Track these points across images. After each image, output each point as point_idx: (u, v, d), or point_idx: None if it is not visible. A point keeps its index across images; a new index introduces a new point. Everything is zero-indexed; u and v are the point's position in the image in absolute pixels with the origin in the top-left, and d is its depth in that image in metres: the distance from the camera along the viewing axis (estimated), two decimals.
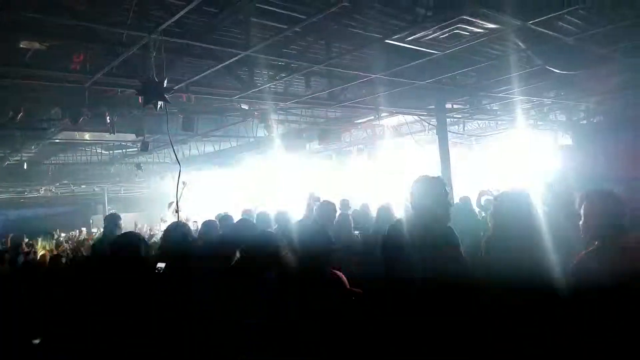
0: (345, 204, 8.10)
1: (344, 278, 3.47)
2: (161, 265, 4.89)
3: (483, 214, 7.47)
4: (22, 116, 7.67)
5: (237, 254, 3.91)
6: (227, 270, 3.83)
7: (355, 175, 16.69)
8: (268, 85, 7.44)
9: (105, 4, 4.97)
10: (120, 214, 6.98)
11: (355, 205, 8.46)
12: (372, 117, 11.44)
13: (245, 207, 8.19)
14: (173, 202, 6.92)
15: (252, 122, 10.79)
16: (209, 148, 15.12)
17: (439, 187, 3.33)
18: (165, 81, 4.86)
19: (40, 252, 12.78)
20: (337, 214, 6.09)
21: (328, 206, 5.98)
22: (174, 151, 5.14)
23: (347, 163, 16.37)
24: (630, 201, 3.14)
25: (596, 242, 3.02)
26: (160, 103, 4.82)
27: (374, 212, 7.11)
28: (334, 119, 11.78)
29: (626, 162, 7.05)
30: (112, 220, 6.58)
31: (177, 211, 5.09)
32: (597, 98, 10.13)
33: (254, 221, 5.85)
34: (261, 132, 12.09)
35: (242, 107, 8.54)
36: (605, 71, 7.55)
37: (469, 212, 7.81)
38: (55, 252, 11.32)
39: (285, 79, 7.46)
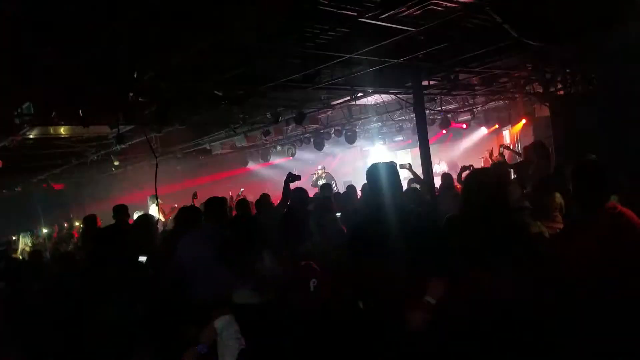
0: (326, 187, 8.06)
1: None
2: (143, 258, 4.83)
3: None
4: None
5: None
6: None
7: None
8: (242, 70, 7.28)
9: None
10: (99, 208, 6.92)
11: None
12: (349, 98, 11.32)
13: None
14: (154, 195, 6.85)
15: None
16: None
17: (388, 171, 3.58)
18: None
19: (22, 249, 12.65)
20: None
21: (301, 193, 5.98)
22: (150, 143, 5.04)
23: None
24: None
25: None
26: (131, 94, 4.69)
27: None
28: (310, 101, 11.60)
29: None
30: (121, 211, 6.90)
31: (157, 204, 5.01)
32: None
33: None
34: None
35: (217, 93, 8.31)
36: None
37: (451, 189, 7.83)
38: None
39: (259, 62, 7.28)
